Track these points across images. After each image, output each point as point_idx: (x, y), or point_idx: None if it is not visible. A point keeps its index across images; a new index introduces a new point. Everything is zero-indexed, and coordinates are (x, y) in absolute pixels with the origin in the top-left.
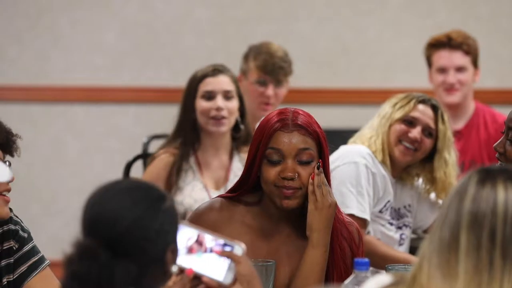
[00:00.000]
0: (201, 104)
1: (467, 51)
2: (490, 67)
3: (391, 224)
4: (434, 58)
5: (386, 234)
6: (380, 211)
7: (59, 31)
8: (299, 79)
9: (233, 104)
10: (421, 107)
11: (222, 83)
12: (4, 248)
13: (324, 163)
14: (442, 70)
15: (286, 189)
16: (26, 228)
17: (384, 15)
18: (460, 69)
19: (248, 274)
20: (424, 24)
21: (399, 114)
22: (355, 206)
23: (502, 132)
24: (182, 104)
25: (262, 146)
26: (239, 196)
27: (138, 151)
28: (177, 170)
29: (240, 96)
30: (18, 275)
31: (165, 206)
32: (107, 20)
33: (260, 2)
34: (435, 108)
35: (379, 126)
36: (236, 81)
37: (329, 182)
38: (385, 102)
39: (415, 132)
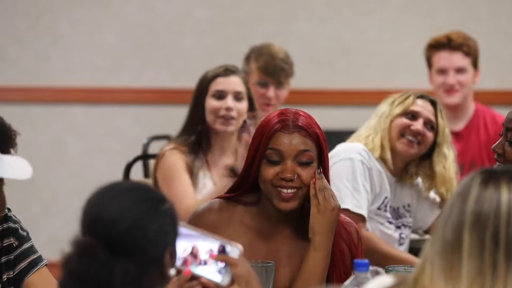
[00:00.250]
0: (210, 103)
1: (467, 52)
2: (490, 67)
3: (390, 222)
4: (434, 59)
5: (385, 233)
6: (379, 208)
7: (59, 31)
8: (299, 80)
9: (242, 105)
10: (420, 101)
11: (233, 83)
12: (4, 245)
13: (324, 165)
14: (442, 71)
15: (285, 188)
16: (24, 228)
17: (384, 15)
18: (460, 70)
19: (246, 275)
20: (424, 24)
21: (399, 109)
22: (350, 201)
23: (500, 134)
24: (192, 102)
25: (262, 146)
26: (238, 196)
27: (138, 152)
28: (189, 168)
29: (250, 97)
30: (18, 271)
31: (164, 208)
32: (107, 21)
33: (260, 2)
34: (433, 103)
35: (377, 124)
36: (247, 82)
37: (329, 183)
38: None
39: (418, 125)
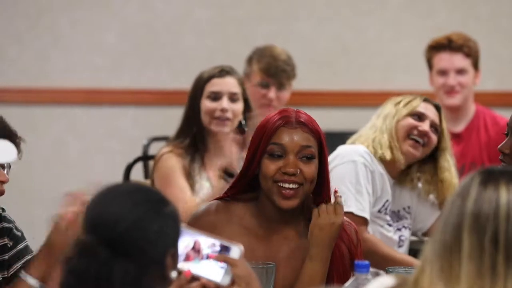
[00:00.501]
0: (206, 104)
1: (468, 54)
2: (490, 68)
3: (390, 225)
4: (435, 60)
5: (385, 235)
6: (379, 211)
7: (59, 31)
8: (299, 81)
9: (238, 106)
10: (425, 104)
11: (228, 84)
12: None
13: (324, 163)
14: (443, 73)
15: (287, 183)
16: (19, 228)
17: (384, 15)
18: (460, 71)
19: (246, 275)
20: (424, 24)
21: (406, 110)
22: (354, 204)
23: (505, 134)
24: (188, 104)
25: (263, 143)
26: (236, 197)
27: (139, 153)
28: (186, 170)
29: (246, 98)
30: (13, 272)
31: (166, 210)
32: (107, 21)
33: (260, 2)
34: (437, 108)
35: (383, 124)
36: (242, 83)
37: (328, 182)
38: (384, 104)
39: (425, 126)
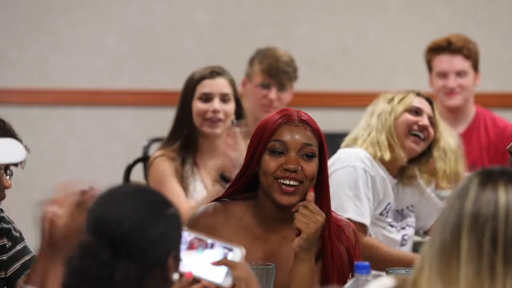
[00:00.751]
0: (197, 106)
1: (468, 55)
2: (490, 70)
3: (392, 226)
4: (435, 62)
5: (387, 237)
6: (381, 214)
7: (59, 33)
8: (300, 82)
9: (229, 107)
10: (419, 99)
11: (219, 85)
12: None
13: (324, 163)
14: (443, 75)
15: (288, 180)
16: (17, 228)
17: (384, 18)
18: (460, 73)
19: (246, 277)
20: (424, 27)
21: (402, 106)
22: (353, 210)
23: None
24: (179, 105)
25: (263, 140)
26: (235, 196)
27: (139, 154)
28: (179, 173)
29: (237, 98)
30: (11, 272)
31: (169, 212)
32: (108, 23)
33: (260, 5)
34: (429, 101)
35: (378, 122)
36: (233, 83)
37: (327, 183)
38: (374, 102)
39: (424, 120)
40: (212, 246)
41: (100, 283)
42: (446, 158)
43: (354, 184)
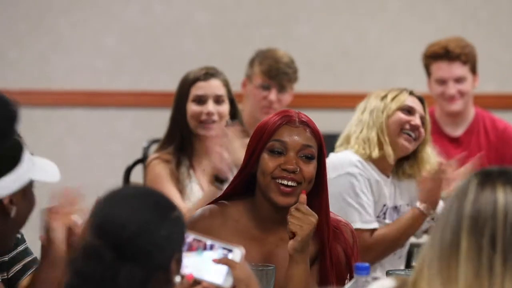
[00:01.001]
0: (191, 108)
1: (465, 61)
2: (490, 71)
3: None
4: (433, 68)
5: None
6: (378, 217)
7: (59, 34)
8: (300, 83)
9: (223, 108)
10: (412, 98)
11: (213, 87)
12: None
13: (322, 166)
14: (441, 82)
15: (286, 180)
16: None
17: (384, 18)
18: (459, 80)
19: (246, 278)
20: (424, 27)
21: (395, 104)
22: (358, 219)
23: None
24: (174, 107)
25: (263, 140)
26: (231, 198)
27: (138, 155)
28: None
29: (231, 99)
30: (13, 273)
31: (173, 215)
32: (108, 24)
33: (260, 5)
34: (421, 100)
35: (370, 119)
36: (227, 84)
37: (326, 185)
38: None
39: (416, 120)
40: (211, 247)
41: (103, 286)
42: (430, 160)
43: (353, 191)
